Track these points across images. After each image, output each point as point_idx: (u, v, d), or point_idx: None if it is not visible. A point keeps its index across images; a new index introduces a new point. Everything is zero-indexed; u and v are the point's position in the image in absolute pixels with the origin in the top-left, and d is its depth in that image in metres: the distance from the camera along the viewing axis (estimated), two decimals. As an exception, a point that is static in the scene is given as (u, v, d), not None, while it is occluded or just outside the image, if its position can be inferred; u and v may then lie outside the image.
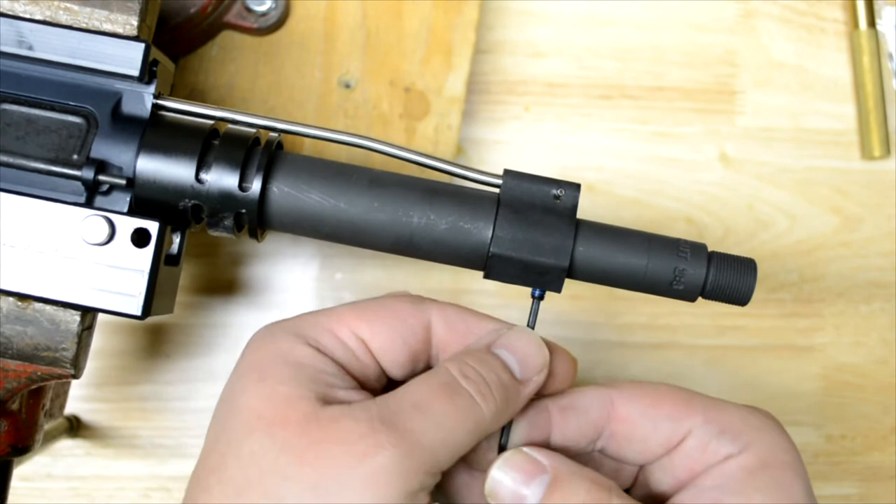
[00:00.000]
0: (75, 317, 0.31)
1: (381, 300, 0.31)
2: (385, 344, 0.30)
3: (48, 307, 0.31)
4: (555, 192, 0.32)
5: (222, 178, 0.31)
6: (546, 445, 0.31)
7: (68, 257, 0.31)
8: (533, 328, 0.32)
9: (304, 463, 0.26)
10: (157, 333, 0.48)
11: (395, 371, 0.31)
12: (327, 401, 0.28)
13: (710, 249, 0.33)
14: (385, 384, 0.31)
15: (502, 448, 0.31)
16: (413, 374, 0.31)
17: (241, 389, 0.28)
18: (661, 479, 0.32)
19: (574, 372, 0.32)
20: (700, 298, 0.33)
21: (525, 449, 0.30)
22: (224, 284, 0.48)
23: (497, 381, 0.29)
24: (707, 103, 0.51)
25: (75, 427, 0.46)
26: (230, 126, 0.33)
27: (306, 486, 0.26)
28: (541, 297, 0.32)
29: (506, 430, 0.31)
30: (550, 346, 0.31)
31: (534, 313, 0.32)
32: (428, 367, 0.32)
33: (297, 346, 0.29)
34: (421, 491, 0.27)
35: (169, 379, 0.47)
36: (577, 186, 0.32)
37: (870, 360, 0.52)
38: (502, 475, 0.29)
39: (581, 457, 0.32)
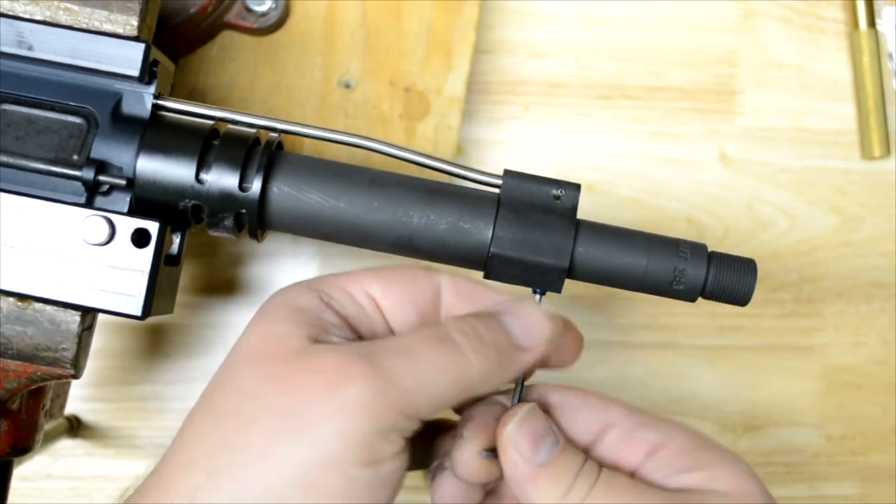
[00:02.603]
0: (75, 317, 0.31)
1: (396, 265, 0.32)
2: (395, 304, 0.31)
3: (48, 307, 0.31)
4: (555, 192, 0.32)
5: (222, 179, 0.31)
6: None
7: (68, 257, 0.31)
8: None
9: (281, 390, 0.26)
10: (157, 333, 0.48)
11: (403, 330, 0.31)
12: (318, 341, 0.28)
13: (710, 249, 0.33)
14: (386, 335, 0.32)
15: None
16: None
17: (244, 331, 0.29)
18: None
19: (580, 347, 0.32)
20: (700, 298, 0.33)
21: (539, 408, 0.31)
22: (224, 284, 0.48)
23: (491, 339, 0.29)
24: (707, 103, 0.51)
25: (75, 427, 0.46)
26: (230, 126, 0.33)
27: (278, 411, 0.26)
28: (542, 293, 0.32)
29: (518, 386, 0.31)
30: (561, 321, 0.31)
31: None
32: None
33: (303, 295, 0.30)
34: (393, 431, 0.26)
35: (169, 379, 0.47)
36: (577, 187, 0.32)
37: (870, 360, 0.52)
38: (530, 418, 0.30)
39: None
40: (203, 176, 0.31)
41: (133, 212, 0.32)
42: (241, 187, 0.31)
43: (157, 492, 0.27)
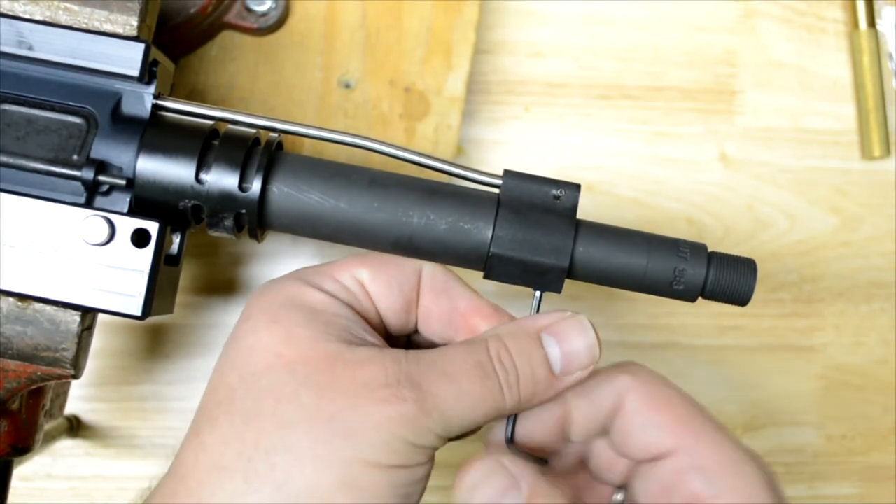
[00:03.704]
0: (75, 317, 0.31)
1: (378, 254, 0.32)
2: (383, 288, 0.31)
3: (48, 307, 0.31)
4: (555, 192, 0.32)
5: (222, 179, 0.31)
6: (558, 432, 0.32)
7: (68, 257, 0.31)
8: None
9: (324, 397, 0.27)
10: (157, 333, 0.48)
11: (390, 317, 0.32)
12: (352, 342, 0.29)
13: (710, 249, 0.33)
14: (378, 324, 0.32)
15: (509, 440, 0.31)
16: (405, 328, 0.32)
17: (251, 330, 0.29)
18: (640, 490, 0.32)
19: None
20: (700, 298, 0.33)
21: (504, 460, 0.29)
22: (224, 284, 0.48)
23: (529, 376, 0.29)
24: (707, 103, 0.51)
25: (75, 427, 0.46)
26: (230, 126, 0.33)
27: (323, 416, 0.27)
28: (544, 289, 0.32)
29: (510, 421, 0.31)
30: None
31: (536, 307, 0.32)
32: (414, 320, 0.32)
33: (305, 291, 0.30)
34: (425, 449, 0.28)
35: (169, 379, 0.47)
36: (577, 187, 0.32)
37: (870, 360, 0.52)
38: (481, 483, 0.29)
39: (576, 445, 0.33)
40: (203, 176, 0.31)
41: (133, 212, 0.31)
42: (240, 187, 0.31)
43: (185, 497, 0.27)
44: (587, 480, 0.34)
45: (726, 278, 0.32)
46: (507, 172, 0.32)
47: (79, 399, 0.47)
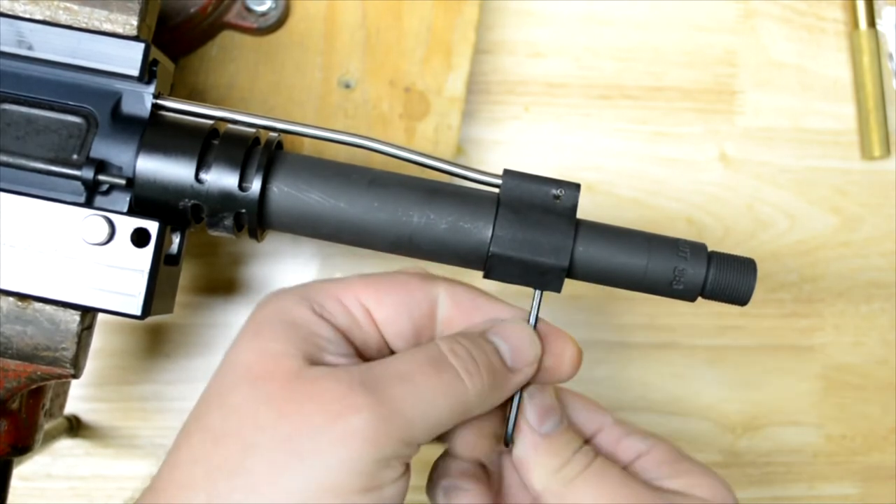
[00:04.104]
0: (75, 317, 0.31)
1: (391, 273, 0.32)
2: (389, 315, 0.31)
3: (48, 307, 0.31)
4: (554, 192, 0.32)
5: (222, 178, 0.31)
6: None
7: (68, 257, 0.31)
8: (536, 319, 0.32)
9: (282, 416, 0.26)
10: (157, 333, 0.48)
11: (399, 344, 0.31)
12: (315, 361, 0.28)
13: (709, 249, 0.33)
14: (380, 348, 0.32)
15: (507, 441, 0.32)
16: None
17: (236, 345, 0.29)
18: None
19: (578, 362, 0.32)
20: (700, 298, 0.33)
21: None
22: (224, 284, 0.48)
23: (486, 362, 0.29)
24: (707, 103, 0.51)
25: (75, 427, 0.46)
26: (230, 126, 0.33)
27: (280, 438, 0.26)
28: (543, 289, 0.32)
29: (510, 419, 0.32)
30: (557, 334, 0.32)
31: (536, 306, 0.32)
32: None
33: (297, 307, 0.30)
34: (394, 459, 0.27)
35: (169, 379, 0.47)
36: (576, 186, 0.32)
37: (870, 360, 0.52)
38: (541, 392, 0.32)
39: None
40: (203, 175, 0.31)
41: (133, 211, 0.31)
42: (240, 187, 0.31)
43: None
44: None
45: (726, 278, 0.32)
46: (507, 172, 0.32)
47: (79, 399, 0.47)
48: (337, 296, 0.30)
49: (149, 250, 0.31)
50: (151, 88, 0.32)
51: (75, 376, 0.32)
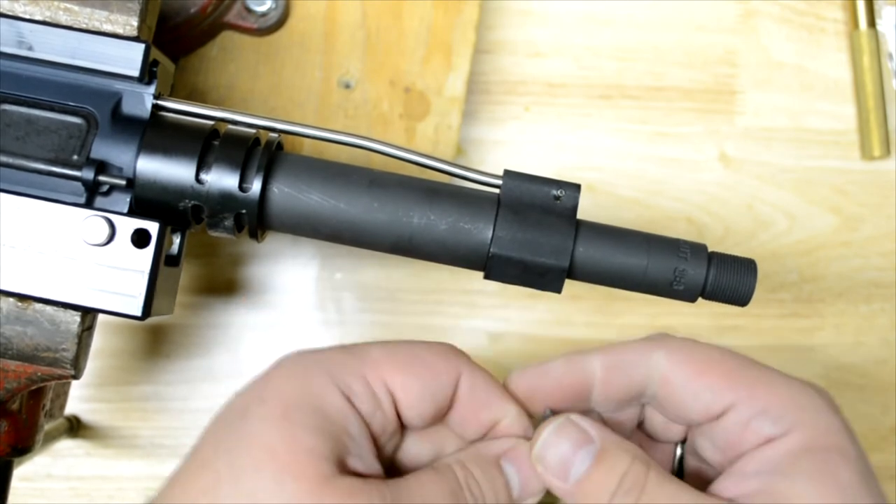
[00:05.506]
0: (75, 317, 0.31)
1: (417, 349, 0.31)
2: (415, 400, 0.30)
3: (48, 308, 0.31)
4: (555, 192, 0.32)
5: (222, 179, 0.31)
6: (587, 403, 0.32)
7: (68, 258, 0.31)
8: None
9: None
10: (157, 333, 0.48)
11: (415, 422, 0.30)
12: (344, 466, 0.27)
13: (710, 250, 0.33)
14: (395, 431, 0.31)
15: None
16: (424, 427, 0.31)
17: (258, 416, 0.27)
18: (705, 445, 0.32)
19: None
20: (700, 298, 0.33)
21: (573, 417, 0.30)
22: (224, 284, 0.48)
23: (494, 502, 0.30)
24: (707, 103, 0.51)
25: (75, 427, 0.46)
26: (230, 126, 0.33)
27: None
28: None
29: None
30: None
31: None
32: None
33: (329, 393, 0.28)
34: None
35: (169, 379, 0.47)
36: (577, 187, 0.32)
37: (870, 360, 0.52)
38: (555, 439, 0.30)
39: (631, 408, 0.33)
40: (203, 176, 0.31)
41: (133, 212, 0.31)
42: (241, 188, 0.31)
43: None
44: (642, 439, 0.34)
45: (726, 278, 0.32)
46: (507, 173, 0.32)
47: (79, 399, 0.47)
48: (364, 376, 0.29)
49: (149, 251, 0.31)
50: (152, 89, 0.32)
51: (76, 377, 0.32)
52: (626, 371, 0.31)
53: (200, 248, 0.47)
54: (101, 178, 0.31)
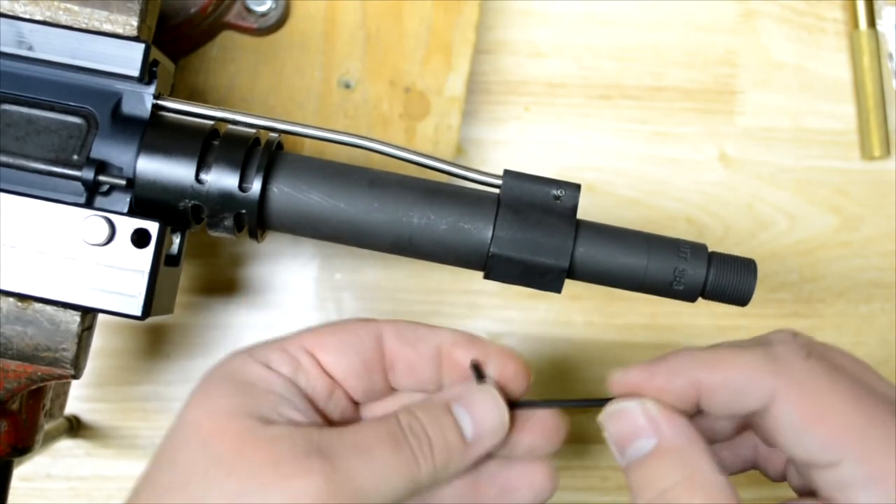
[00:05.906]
0: (75, 317, 0.31)
1: (335, 321, 0.32)
2: (335, 356, 0.30)
3: (48, 307, 0.31)
4: (555, 192, 0.32)
5: (222, 179, 0.31)
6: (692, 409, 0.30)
7: (68, 258, 0.31)
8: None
9: (231, 475, 0.26)
10: (157, 333, 0.48)
11: (353, 382, 0.31)
12: (269, 420, 0.28)
13: (710, 250, 0.33)
14: (345, 406, 0.31)
15: None
16: (375, 390, 0.31)
17: (185, 406, 0.29)
18: (792, 473, 0.32)
19: (558, 437, 0.31)
20: (700, 299, 0.33)
21: (648, 404, 0.29)
22: (224, 284, 0.48)
23: (442, 442, 0.29)
24: (707, 103, 0.51)
25: (75, 427, 0.46)
26: (230, 126, 0.33)
27: (230, 492, 0.26)
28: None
29: None
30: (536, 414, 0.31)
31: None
32: (387, 387, 0.32)
33: (245, 364, 0.30)
34: None
35: (169, 379, 0.47)
36: (577, 187, 0.32)
37: (870, 361, 0.51)
38: (616, 419, 0.29)
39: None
40: (203, 176, 0.31)
41: (133, 212, 0.32)
42: (241, 187, 0.31)
43: None
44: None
45: (726, 278, 0.32)
46: (507, 172, 0.32)
47: (79, 399, 0.47)
48: (281, 347, 0.30)
49: (149, 251, 0.31)
50: (152, 89, 0.32)
51: (75, 377, 0.32)
52: (734, 395, 0.29)
53: (200, 248, 0.47)
54: (101, 178, 0.31)
